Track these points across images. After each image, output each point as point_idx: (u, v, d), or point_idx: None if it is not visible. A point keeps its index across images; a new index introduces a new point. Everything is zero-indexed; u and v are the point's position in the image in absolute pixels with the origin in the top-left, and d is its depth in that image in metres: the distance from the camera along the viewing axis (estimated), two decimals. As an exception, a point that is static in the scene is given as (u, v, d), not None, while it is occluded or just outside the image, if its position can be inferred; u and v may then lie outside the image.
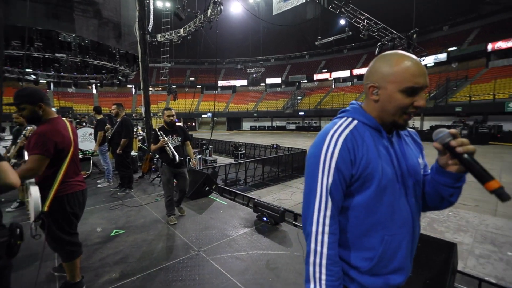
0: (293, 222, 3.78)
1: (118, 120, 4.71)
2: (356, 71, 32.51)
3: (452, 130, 0.73)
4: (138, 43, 6.40)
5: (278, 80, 38.99)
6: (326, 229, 0.77)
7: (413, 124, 23.37)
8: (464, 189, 0.80)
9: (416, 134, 0.95)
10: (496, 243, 4.10)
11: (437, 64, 25.50)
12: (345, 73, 33.49)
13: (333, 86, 34.88)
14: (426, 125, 22.24)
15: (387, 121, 0.82)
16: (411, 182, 0.83)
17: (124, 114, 4.82)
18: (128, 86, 35.85)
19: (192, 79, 40.12)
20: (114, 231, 3.14)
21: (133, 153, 6.20)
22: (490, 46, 21.63)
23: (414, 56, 0.78)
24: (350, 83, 34.04)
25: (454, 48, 24.28)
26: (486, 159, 10.84)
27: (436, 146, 0.75)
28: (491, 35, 22.10)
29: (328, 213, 0.78)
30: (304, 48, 37.54)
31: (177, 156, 3.26)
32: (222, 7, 14.69)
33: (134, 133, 6.46)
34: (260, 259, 2.56)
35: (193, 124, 37.00)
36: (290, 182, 8.88)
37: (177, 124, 3.56)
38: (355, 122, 0.83)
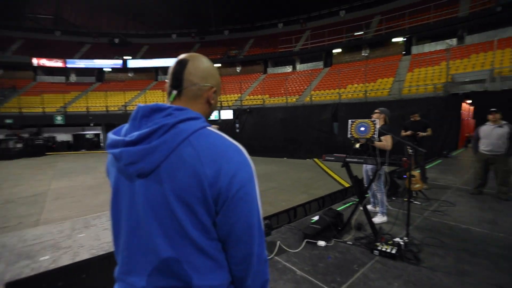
0: None
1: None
2: None
3: None
4: None
5: None
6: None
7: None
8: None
9: None
10: (31, 254, 3.95)
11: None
12: None
13: None
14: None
15: None
16: None
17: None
18: None
19: None
20: None
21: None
22: (35, 61, 22.45)
23: None
24: None
25: (-3, 52, 21.82)
26: (40, 170, 10.98)
27: None
28: (36, 51, 23.01)
29: None
30: None
31: None
32: None
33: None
34: None
35: None
36: None
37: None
38: None
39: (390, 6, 20.57)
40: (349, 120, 2.72)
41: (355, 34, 19.75)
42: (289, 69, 23.15)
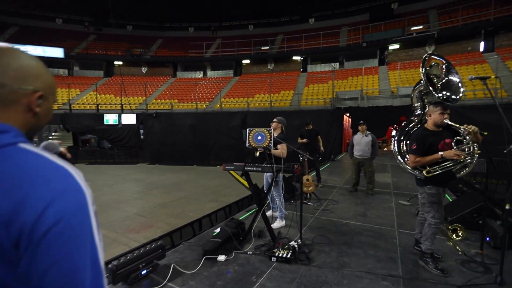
0: None
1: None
2: None
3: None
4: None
5: None
6: None
7: None
8: None
9: None
10: None
11: None
12: None
13: None
14: None
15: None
16: None
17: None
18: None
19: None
20: None
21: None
22: None
23: None
24: None
25: None
26: None
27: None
28: None
29: None
30: None
31: None
32: None
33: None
34: None
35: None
36: None
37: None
38: None
39: (290, 28, 23.30)
40: (247, 129, 2.72)
41: (262, 48, 21.36)
42: (199, 74, 22.78)
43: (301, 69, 20.19)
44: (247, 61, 21.58)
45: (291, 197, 4.76)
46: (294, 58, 20.33)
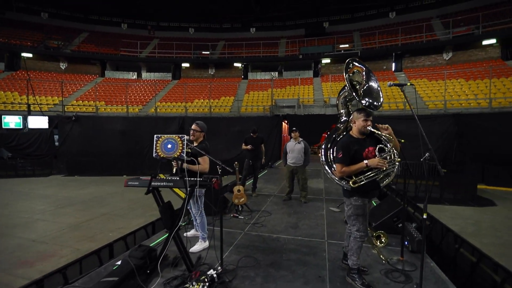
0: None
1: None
2: None
3: None
4: None
5: None
6: None
7: None
8: None
9: None
10: None
11: None
12: None
13: None
14: None
15: None
16: None
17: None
18: None
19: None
20: None
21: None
22: None
23: None
24: None
25: None
26: None
27: None
28: None
29: None
30: None
31: None
32: None
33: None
34: None
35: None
36: None
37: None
38: None
39: (232, 35, 23.26)
40: (155, 136, 2.21)
41: (203, 52, 20.70)
42: (133, 75, 20.74)
43: (242, 76, 20.24)
44: (187, 64, 20.61)
45: (221, 210, 4.32)
46: (236, 64, 20.28)
